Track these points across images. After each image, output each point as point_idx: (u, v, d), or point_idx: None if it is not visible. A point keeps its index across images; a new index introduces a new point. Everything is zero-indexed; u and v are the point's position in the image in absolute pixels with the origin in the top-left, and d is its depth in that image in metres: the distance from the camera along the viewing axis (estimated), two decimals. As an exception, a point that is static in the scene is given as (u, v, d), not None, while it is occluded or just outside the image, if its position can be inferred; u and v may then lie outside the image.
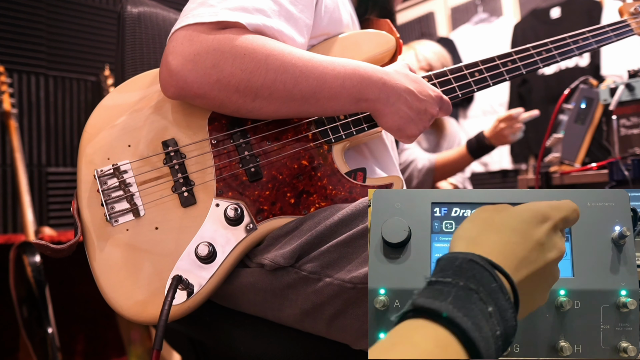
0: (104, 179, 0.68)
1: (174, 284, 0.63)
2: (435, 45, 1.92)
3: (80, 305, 1.91)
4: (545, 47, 0.88)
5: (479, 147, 1.71)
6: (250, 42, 0.65)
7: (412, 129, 0.74)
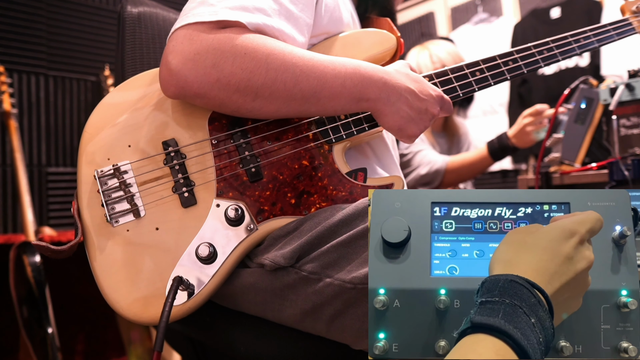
0: (104, 179, 0.68)
1: (175, 285, 0.63)
2: (449, 45, 1.90)
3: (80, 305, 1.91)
4: (547, 46, 0.88)
5: (500, 148, 1.67)
6: (250, 42, 0.65)
7: (413, 128, 0.74)
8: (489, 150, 1.69)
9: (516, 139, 1.64)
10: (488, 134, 2.95)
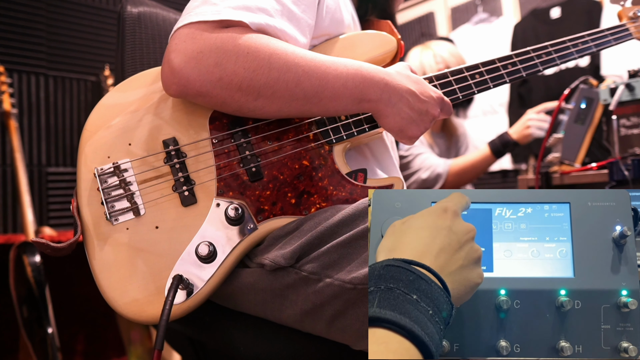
0: (104, 177, 0.68)
1: (175, 284, 0.63)
2: (451, 45, 1.92)
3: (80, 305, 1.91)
4: (545, 50, 0.89)
5: (502, 144, 1.70)
6: (253, 41, 0.65)
7: (413, 129, 0.74)
8: (491, 148, 1.72)
9: (517, 134, 1.67)
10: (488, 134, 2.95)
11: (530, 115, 1.66)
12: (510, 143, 1.69)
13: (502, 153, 1.73)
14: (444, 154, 1.95)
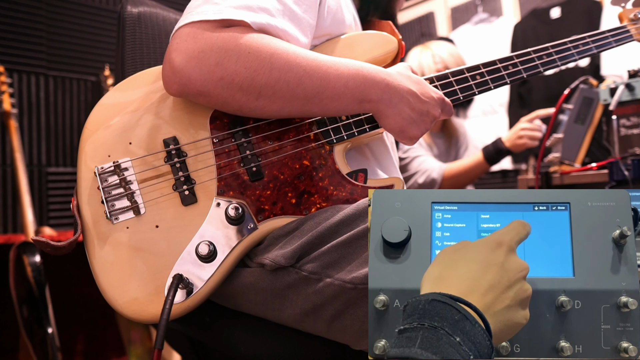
0: (105, 176, 0.68)
1: (175, 283, 0.63)
2: (451, 46, 1.91)
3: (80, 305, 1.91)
4: (546, 51, 0.89)
5: (495, 151, 1.70)
6: (254, 41, 0.65)
7: (414, 130, 0.74)
8: (484, 155, 1.72)
9: (510, 143, 1.68)
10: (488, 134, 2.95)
11: (523, 125, 1.65)
12: (504, 151, 1.70)
13: (496, 160, 1.73)
14: (444, 155, 1.95)
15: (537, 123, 1.65)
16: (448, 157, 1.96)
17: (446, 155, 1.96)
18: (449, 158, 1.96)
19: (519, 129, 1.65)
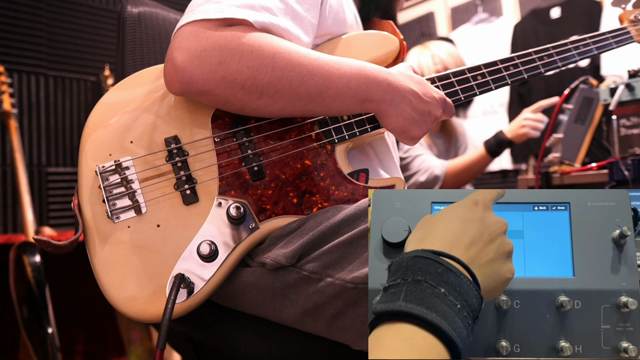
0: (106, 175, 0.68)
1: (177, 283, 0.63)
2: (450, 46, 1.92)
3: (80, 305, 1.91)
4: (547, 52, 0.89)
5: (497, 143, 1.70)
6: (257, 40, 0.65)
7: (415, 130, 0.74)
8: (486, 148, 1.72)
9: (512, 133, 1.68)
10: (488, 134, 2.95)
11: (526, 115, 1.66)
12: (505, 142, 1.70)
13: (498, 152, 1.73)
14: (443, 155, 1.95)
15: (540, 115, 1.65)
16: (447, 157, 1.96)
17: (446, 156, 1.96)
18: (448, 158, 1.96)
19: (522, 118, 1.66)
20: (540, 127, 1.64)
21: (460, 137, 2.00)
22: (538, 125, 1.64)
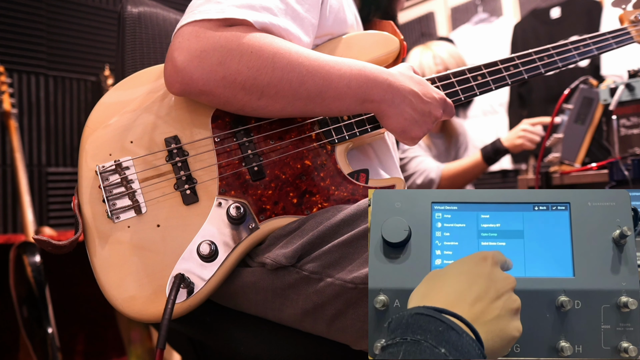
0: (106, 175, 0.68)
1: (177, 283, 0.63)
2: (452, 46, 1.92)
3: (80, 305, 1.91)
4: (547, 52, 0.89)
5: (493, 151, 1.71)
6: (257, 40, 0.65)
7: (416, 130, 0.74)
8: (483, 155, 1.72)
9: (508, 142, 1.68)
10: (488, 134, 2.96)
11: (524, 126, 1.66)
12: (502, 150, 1.70)
13: (494, 160, 1.74)
14: (443, 155, 1.95)
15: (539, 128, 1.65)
16: (448, 158, 1.97)
17: (446, 156, 1.96)
18: (448, 158, 1.96)
19: (520, 129, 1.66)
20: (537, 140, 1.64)
21: (460, 137, 2.00)
22: (534, 138, 1.64)
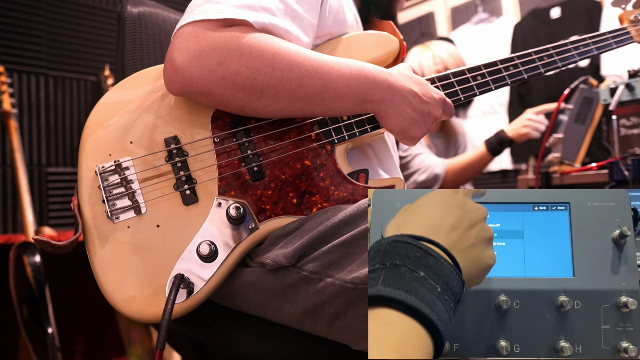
0: (106, 175, 0.68)
1: (177, 283, 0.63)
2: (451, 46, 1.92)
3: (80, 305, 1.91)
4: (547, 52, 0.89)
5: (497, 142, 1.71)
6: (256, 40, 0.65)
7: (415, 130, 0.74)
8: (487, 146, 1.72)
9: (513, 132, 1.69)
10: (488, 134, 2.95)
11: (529, 115, 1.67)
12: (506, 141, 1.71)
13: (498, 151, 1.74)
14: (442, 155, 1.95)
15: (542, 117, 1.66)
16: (447, 157, 1.97)
17: (445, 155, 1.96)
18: (447, 158, 1.96)
19: (525, 118, 1.67)
20: (542, 128, 1.65)
21: (459, 137, 2.00)
22: (539, 127, 1.65)
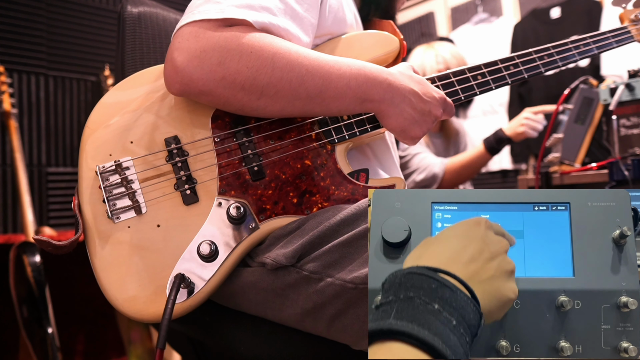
0: (106, 175, 0.68)
1: (177, 283, 0.63)
2: (453, 47, 1.93)
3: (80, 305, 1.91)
4: (547, 51, 0.89)
5: (496, 140, 1.71)
6: (257, 40, 0.65)
7: (416, 130, 0.74)
8: (485, 145, 1.73)
9: (511, 131, 1.69)
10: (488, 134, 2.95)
11: (527, 114, 1.67)
12: (504, 139, 1.71)
13: (497, 150, 1.74)
14: (442, 154, 1.95)
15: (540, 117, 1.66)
16: (446, 157, 1.97)
17: (445, 155, 1.97)
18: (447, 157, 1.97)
19: (523, 117, 1.67)
20: (539, 127, 1.65)
21: (459, 136, 2.01)
22: (537, 126, 1.65)
